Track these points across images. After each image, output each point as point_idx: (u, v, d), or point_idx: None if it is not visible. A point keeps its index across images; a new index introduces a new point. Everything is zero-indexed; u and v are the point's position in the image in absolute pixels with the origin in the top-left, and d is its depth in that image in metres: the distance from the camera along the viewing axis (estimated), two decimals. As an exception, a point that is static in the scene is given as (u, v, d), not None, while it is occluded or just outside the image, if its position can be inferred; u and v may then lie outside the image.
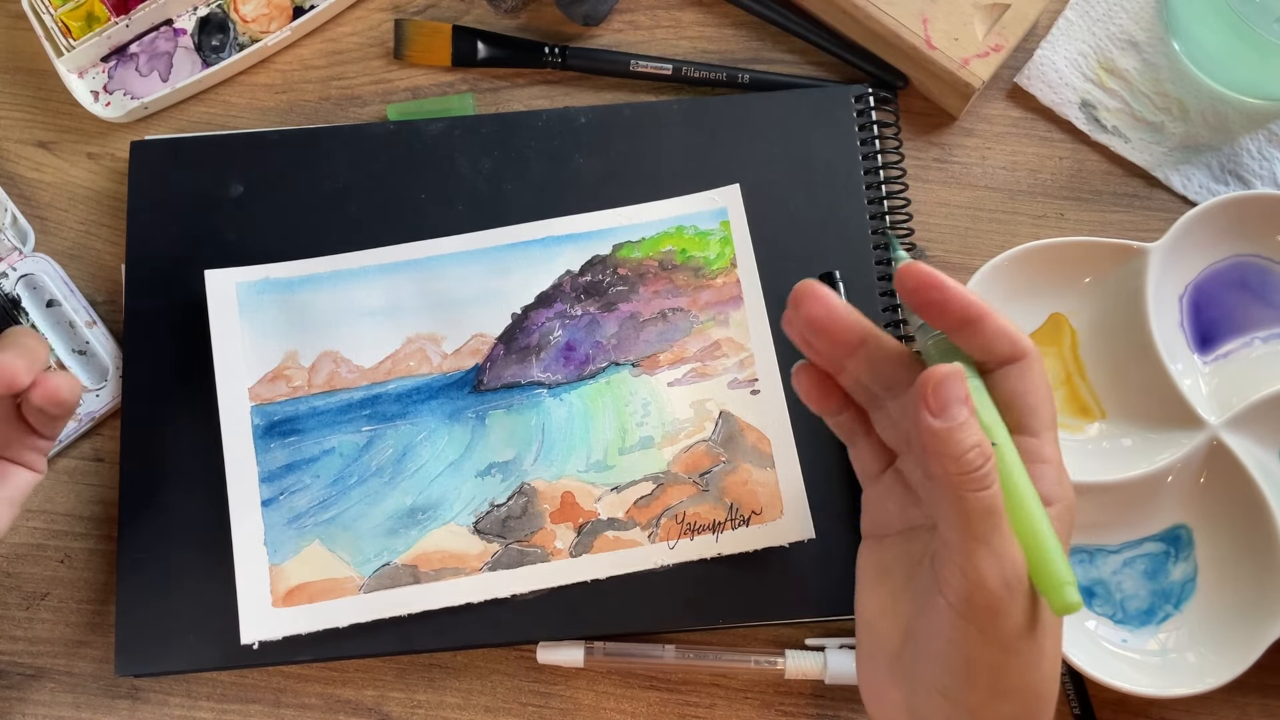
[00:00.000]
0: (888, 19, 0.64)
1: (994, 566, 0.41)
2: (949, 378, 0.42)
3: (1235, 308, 0.63)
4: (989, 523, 0.41)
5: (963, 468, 0.41)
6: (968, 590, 0.42)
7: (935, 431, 0.42)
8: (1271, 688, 0.60)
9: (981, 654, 0.43)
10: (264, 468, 0.60)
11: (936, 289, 0.45)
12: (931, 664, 0.44)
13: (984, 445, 0.42)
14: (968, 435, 0.41)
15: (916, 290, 0.45)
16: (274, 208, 0.64)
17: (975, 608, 0.42)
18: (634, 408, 0.61)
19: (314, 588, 0.58)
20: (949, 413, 0.42)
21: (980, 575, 0.41)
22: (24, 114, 0.69)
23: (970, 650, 0.43)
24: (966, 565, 0.41)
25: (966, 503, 0.41)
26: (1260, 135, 0.66)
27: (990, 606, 0.42)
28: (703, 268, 0.63)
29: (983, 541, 0.41)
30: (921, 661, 0.45)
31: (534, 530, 0.59)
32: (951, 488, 0.41)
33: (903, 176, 0.65)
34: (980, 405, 0.45)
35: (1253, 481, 0.58)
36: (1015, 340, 0.45)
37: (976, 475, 0.41)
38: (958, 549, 0.42)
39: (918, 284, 0.45)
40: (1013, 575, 0.42)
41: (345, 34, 0.70)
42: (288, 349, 0.61)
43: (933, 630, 0.44)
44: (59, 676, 0.61)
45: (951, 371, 0.42)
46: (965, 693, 0.43)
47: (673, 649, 0.59)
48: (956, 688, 0.43)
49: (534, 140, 0.65)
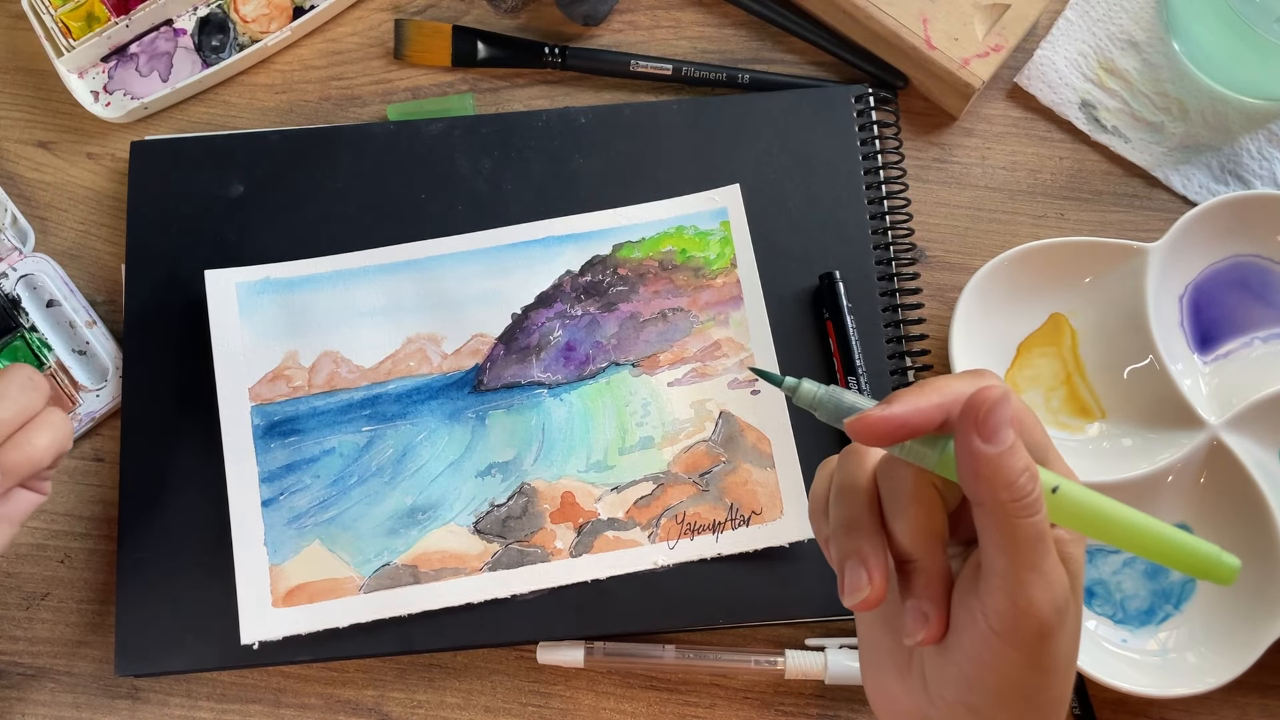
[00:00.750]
0: (888, 19, 0.64)
1: (1046, 593, 0.41)
2: (1000, 401, 0.40)
3: (1235, 308, 0.63)
4: (1040, 549, 0.40)
5: (1015, 494, 0.40)
6: (1016, 618, 0.41)
7: (987, 458, 0.40)
8: (1271, 688, 0.60)
9: (1021, 676, 0.42)
10: (264, 468, 0.60)
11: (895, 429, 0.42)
12: (960, 683, 0.44)
13: (1033, 469, 0.41)
14: (1018, 460, 0.40)
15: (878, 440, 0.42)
16: (274, 208, 0.64)
17: (1022, 634, 0.41)
18: (634, 408, 0.61)
19: (314, 588, 0.58)
20: (999, 437, 0.40)
21: (1031, 602, 0.40)
22: (24, 114, 0.69)
23: (1009, 673, 0.42)
24: (1017, 593, 0.41)
25: (1018, 530, 0.40)
26: (1260, 135, 0.66)
27: (1039, 632, 0.41)
28: (703, 268, 0.63)
29: (1034, 569, 0.41)
30: (948, 680, 0.44)
31: (534, 530, 0.59)
32: (1003, 515, 0.40)
33: (903, 176, 0.65)
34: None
35: (1253, 481, 0.58)
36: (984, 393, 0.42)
37: (1028, 502, 0.40)
38: (1007, 576, 0.41)
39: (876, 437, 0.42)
40: (1062, 599, 0.41)
41: (345, 34, 0.70)
42: (288, 349, 0.61)
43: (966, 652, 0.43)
44: (59, 676, 0.61)
45: (1001, 395, 0.41)
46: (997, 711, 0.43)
47: (673, 649, 0.59)
48: (987, 706, 0.43)
49: (534, 140, 0.65)
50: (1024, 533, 0.40)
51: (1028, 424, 0.43)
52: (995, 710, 0.43)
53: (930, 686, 0.45)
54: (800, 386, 0.42)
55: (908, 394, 0.41)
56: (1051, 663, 0.42)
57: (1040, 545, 0.41)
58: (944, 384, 0.41)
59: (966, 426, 0.40)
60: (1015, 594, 0.41)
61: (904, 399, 0.41)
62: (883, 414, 0.41)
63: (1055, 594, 0.41)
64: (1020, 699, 0.43)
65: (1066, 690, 0.44)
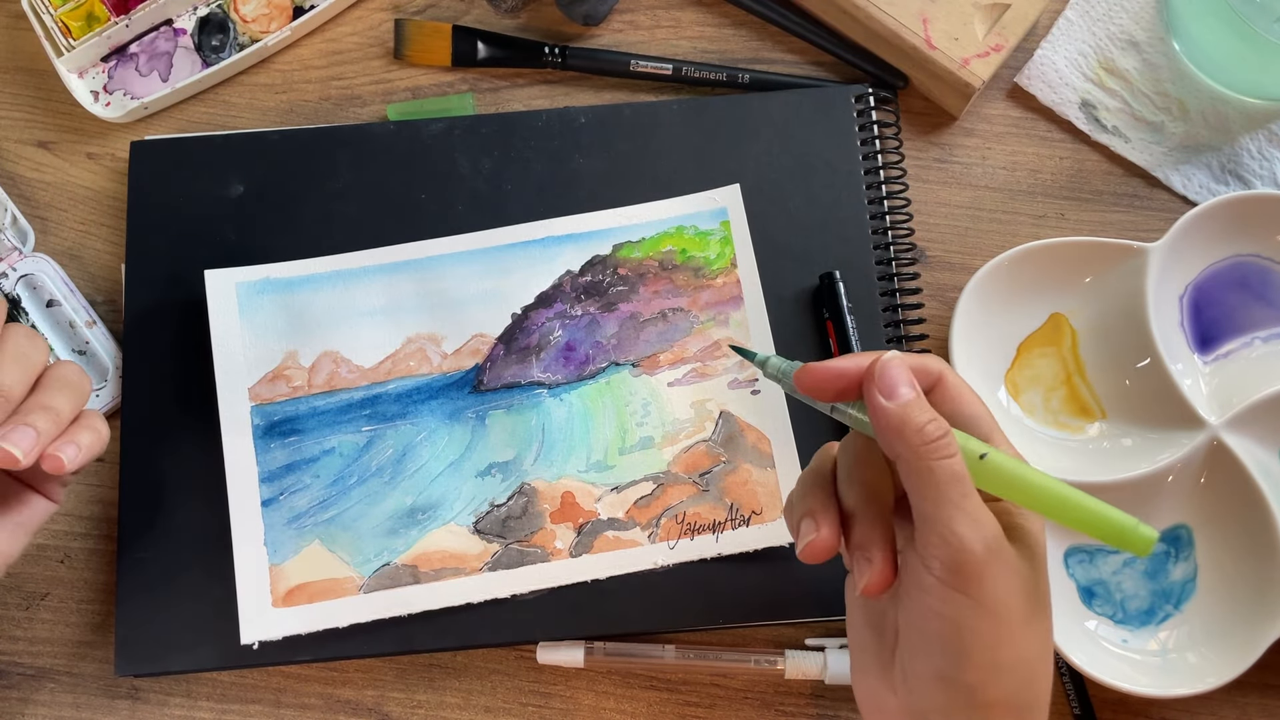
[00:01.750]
0: (888, 19, 0.64)
1: (973, 529, 0.43)
2: (890, 363, 0.45)
3: (1235, 308, 0.63)
4: (959, 488, 0.43)
5: (924, 438, 0.43)
6: (951, 555, 0.43)
7: (891, 412, 0.44)
8: (1271, 688, 0.60)
9: (974, 624, 0.44)
10: (264, 468, 0.60)
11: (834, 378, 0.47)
12: (926, 650, 0.45)
13: (940, 420, 0.44)
14: (921, 411, 0.44)
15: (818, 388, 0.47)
16: (274, 208, 0.64)
17: (962, 573, 0.43)
18: (634, 408, 0.61)
19: (314, 588, 0.58)
20: (898, 393, 0.44)
21: (961, 539, 0.43)
22: (24, 114, 0.69)
23: (963, 621, 0.44)
24: (947, 531, 0.43)
25: (935, 472, 0.43)
26: (1260, 135, 0.66)
27: (975, 569, 0.43)
28: (703, 268, 0.63)
29: (957, 506, 0.43)
30: (916, 653, 0.46)
31: (534, 530, 0.59)
32: (919, 460, 0.43)
33: (903, 176, 0.65)
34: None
35: (1253, 481, 0.58)
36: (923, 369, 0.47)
37: (939, 444, 0.43)
38: (935, 518, 0.43)
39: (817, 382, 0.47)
40: (992, 538, 0.43)
41: (345, 34, 0.70)
42: (288, 349, 0.61)
43: (924, 614, 0.45)
44: (59, 676, 0.61)
45: (892, 357, 0.45)
46: (962, 671, 0.44)
47: (673, 649, 0.59)
48: (953, 667, 0.44)
49: (534, 140, 0.65)
50: (941, 474, 0.43)
51: (965, 398, 0.47)
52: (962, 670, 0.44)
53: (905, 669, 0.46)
54: (769, 361, 0.48)
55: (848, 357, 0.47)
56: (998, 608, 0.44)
57: (959, 484, 0.44)
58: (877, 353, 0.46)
59: (869, 386, 0.45)
60: (946, 534, 0.43)
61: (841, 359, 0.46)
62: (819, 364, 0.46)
63: (984, 532, 0.43)
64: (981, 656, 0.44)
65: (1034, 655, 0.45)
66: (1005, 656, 0.44)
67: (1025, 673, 0.45)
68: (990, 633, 0.44)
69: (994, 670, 0.44)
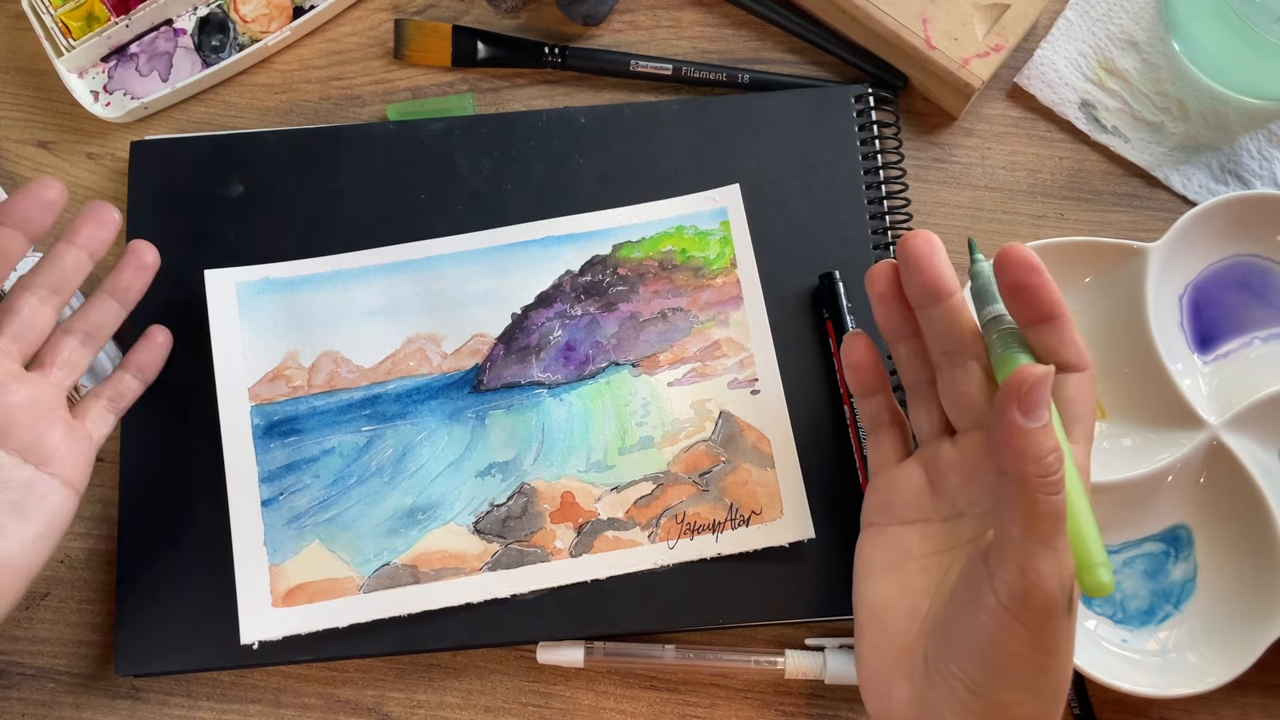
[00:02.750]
0: (888, 19, 0.64)
1: (1054, 569, 0.42)
2: (1044, 379, 0.42)
3: (1235, 308, 0.63)
4: (1055, 526, 0.42)
5: (1041, 470, 0.42)
6: (1025, 590, 0.42)
7: (1022, 431, 0.42)
8: (1271, 688, 0.60)
9: (1025, 653, 0.43)
10: (264, 468, 0.60)
11: (1036, 273, 0.46)
12: (965, 659, 0.44)
13: (1060, 450, 0.42)
14: (1049, 438, 0.42)
15: (1015, 270, 0.46)
16: (274, 208, 0.64)
17: (1029, 608, 0.42)
18: (634, 408, 0.61)
19: (314, 588, 0.58)
20: (1037, 413, 0.42)
21: (1040, 577, 0.42)
22: (24, 114, 0.69)
23: (1015, 649, 0.43)
24: (1028, 566, 0.42)
25: (1038, 504, 0.42)
26: (1260, 135, 0.66)
27: (1044, 608, 0.42)
28: (703, 268, 0.63)
29: (1047, 544, 0.42)
30: (953, 655, 0.45)
31: (534, 530, 0.59)
32: (1026, 487, 0.42)
33: (903, 176, 0.65)
34: None
35: (1253, 481, 0.58)
36: (1081, 351, 0.47)
37: (1052, 479, 0.42)
38: (1020, 548, 0.42)
39: (1018, 264, 0.46)
40: (1068, 579, 0.42)
41: (345, 34, 0.70)
42: (288, 349, 0.61)
43: (974, 626, 0.44)
44: (59, 676, 0.61)
45: (1046, 373, 0.43)
46: (999, 690, 0.44)
47: (673, 649, 0.59)
48: (990, 684, 0.44)
49: (534, 140, 0.65)
50: (1043, 508, 0.42)
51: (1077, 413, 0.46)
52: (998, 690, 0.44)
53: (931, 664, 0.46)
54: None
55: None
56: (1054, 643, 0.43)
57: (1056, 523, 0.42)
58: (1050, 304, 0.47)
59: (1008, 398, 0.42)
60: (1026, 566, 0.42)
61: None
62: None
63: (1063, 573, 0.42)
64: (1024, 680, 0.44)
65: (1065, 677, 0.45)
66: (1045, 682, 0.44)
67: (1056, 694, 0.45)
68: (1038, 662, 0.43)
69: (1030, 693, 0.44)
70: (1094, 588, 0.42)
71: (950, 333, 0.49)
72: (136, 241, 0.59)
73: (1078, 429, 0.47)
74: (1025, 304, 0.47)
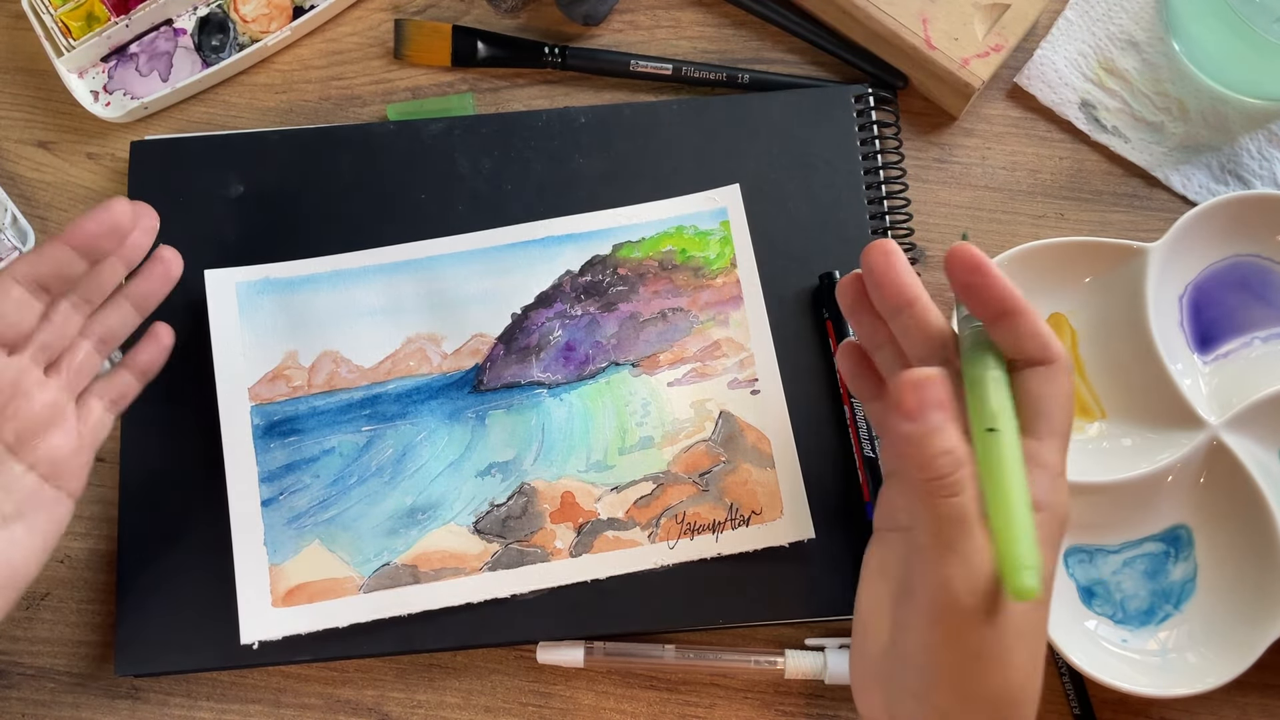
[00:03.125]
0: (888, 19, 0.64)
1: (961, 573, 0.41)
2: (926, 381, 0.41)
3: (1235, 308, 0.63)
4: (957, 530, 0.41)
5: (930, 473, 0.41)
6: (935, 597, 0.41)
7: (907, 435, 0.41)
8: (1271, 688, 0.60)
9: (948, 658, 0.42)
10: (264, 468, 0.60)
11: (980, 273, 0.45)
12: (905, 665, 0.44)
13: (956, 452, 0.41)
14: (939, 441, 0.41)
15: (960, 271, 0.46)
16: (274, 208, 0.64)
17: (942, 615, 0.41)
18: (634, 408, 0.61)
19: (314, 588, 0.58)
20: (923, 416, 0.41)
21: (947, 581, 0.41)
22: (24, 114, 0.69)
23: (938, 654, 0.42)
24: (936, 571, 0.41)
25: (937, 508, 0.41)
26: (1260, 135, 0.66)
27: (956, 614, 0.41)
28: (703, 268, 0.63)
29: (951, 548, 0.41)
30: (898, 662, 0.45)
31: (534, 530, 0.59)
32: (923, 492, 0.41)
33: (903, 176, 0.65)
34: (993, 393, 0.44)
35: (1253, 481, 0.58)
36: (1045, 344, 0.45)
37: (945, 482, 0.41)
38: (928, 554, 0.42)
39: (963, 265, 0.46)
40: (981, 584, 0.41)
41: (345, 34, 0.70)
42: (288, 349, 0.61)
43: (909, 631, 0.44)
44: (59, 676, 0.61)
45: (929, 375, 0.42)
46: (935, 696, 0.43)
47: (673, 649, 0.59)
48: (926, 691, 0.43)
49: (534, 140, 0.65)
50: (942, 512, 0.41)
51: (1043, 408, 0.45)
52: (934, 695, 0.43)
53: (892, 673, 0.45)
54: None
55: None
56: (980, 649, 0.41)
57: (957, 526, 0.41)
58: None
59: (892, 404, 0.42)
60: (934, 572, 0.41)
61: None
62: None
63: (973, 577, 0.41)
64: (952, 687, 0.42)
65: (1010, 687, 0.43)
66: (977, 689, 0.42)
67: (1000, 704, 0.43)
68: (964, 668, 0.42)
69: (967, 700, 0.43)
70: (1015, 591, 0.40)
71: (920, 338, 0.48)
72: (165, 248, 0.58)
73: (1042, 424, 0.45)
74: (976, 303, 0.46)
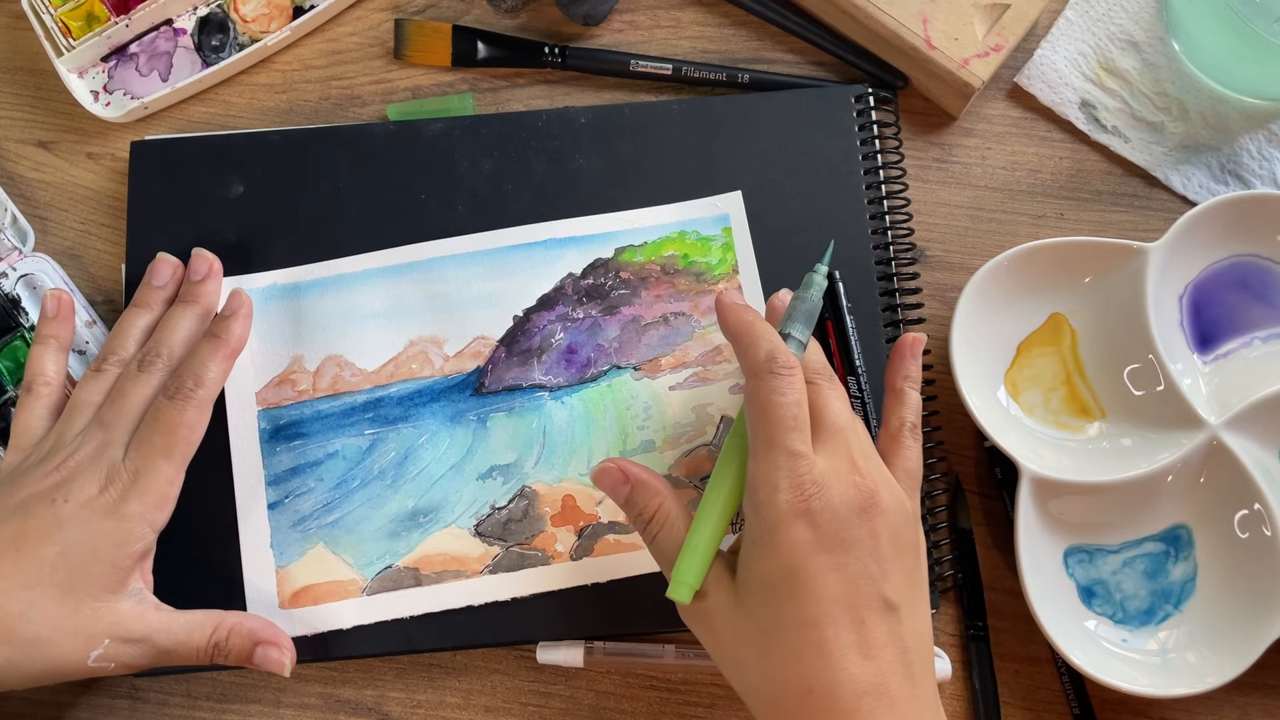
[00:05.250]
0: (888, 19, 0.64)
1: (674, 591, 0.50)
2: (608, 471, 0.53)
3: (1235, 308, 0.63)
4: (662, 562, 0.52)
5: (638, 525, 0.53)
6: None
7: (616, 494, 0.53)
8: (1271, 688, 0.60)
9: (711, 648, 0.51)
10: (270, 471, 0.60)
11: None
12: None
13: (645, 511, 0.52)
14: (635, 502, 0.52)
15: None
16: (274, 208, 0.64)
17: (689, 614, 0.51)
18: (635, 411, 0.61)
19: (318, 590, 0.58)
20: (619, 485, 0.53)
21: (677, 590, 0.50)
22: (24, 114, 0.69)
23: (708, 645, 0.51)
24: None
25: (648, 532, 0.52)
26: (1260, 135, 0.66)
27: (694, 614, 0.50)
28: (704, 273, 0.63)
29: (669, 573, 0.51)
30: None
31: (535, 533, 0.59)
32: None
33: (903, 176, 0.65)
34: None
35: (1253, 481, 0.58)
36: (755, 355, 0.51)
37: (648, 520, 0.52)
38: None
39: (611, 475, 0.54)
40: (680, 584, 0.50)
41: (345, 34, 0.70)
42: (293, 353, 0.61)
43: None
44: (61, 677, 0.61)
45: (606, 467, 0.53)
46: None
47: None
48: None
49: (534, 140, 0.65)
50: (651, 532, 0.53)
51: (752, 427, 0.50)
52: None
53: None
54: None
55: None
56: (703, 637, 0.51)
57: (661, 559, 0.52)
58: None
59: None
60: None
61: None
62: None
63: (687, 584, 0.50)
64: (727, 673, 0.51)
65: (746, 686, 0.49)
66: (735, 682, 0.49)
67: (751, 698, 0.49)
68: (715, 655, 0.50)
69: (740, 689, 0.49)
70: (673, 589, 0.50)
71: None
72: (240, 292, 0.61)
73: (759, 442, 0.49)
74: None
